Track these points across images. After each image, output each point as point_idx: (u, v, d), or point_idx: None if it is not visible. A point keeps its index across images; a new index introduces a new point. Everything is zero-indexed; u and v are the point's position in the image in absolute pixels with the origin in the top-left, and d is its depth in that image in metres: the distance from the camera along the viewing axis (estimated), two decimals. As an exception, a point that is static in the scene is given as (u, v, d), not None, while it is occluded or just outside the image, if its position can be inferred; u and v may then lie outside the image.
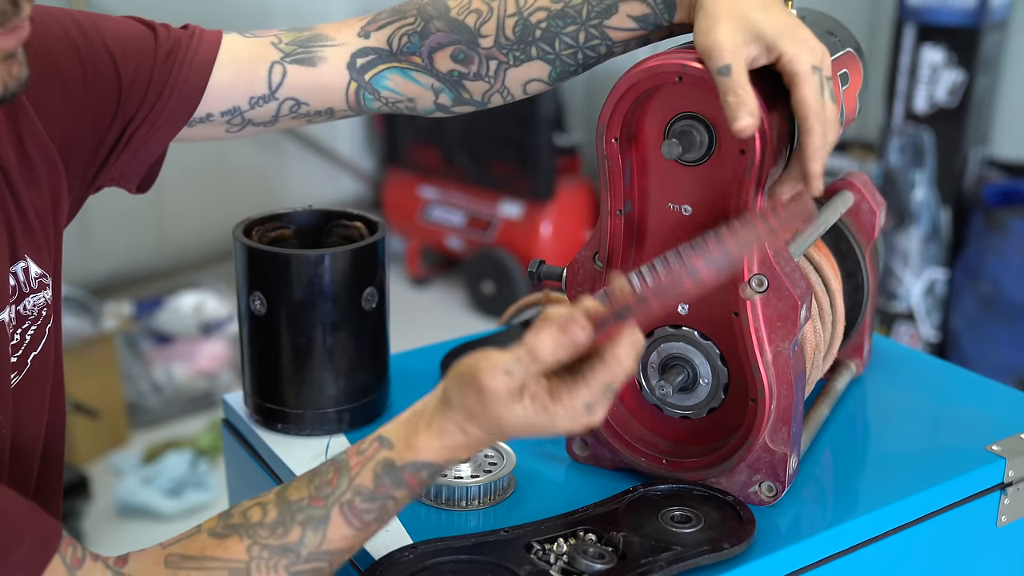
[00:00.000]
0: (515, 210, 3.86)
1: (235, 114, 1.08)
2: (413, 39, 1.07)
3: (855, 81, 1.14)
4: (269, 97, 1.08)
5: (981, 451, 1.11)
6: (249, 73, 1.07)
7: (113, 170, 1.07)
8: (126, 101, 1.03)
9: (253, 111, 1.08)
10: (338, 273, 1.11)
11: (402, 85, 1.09)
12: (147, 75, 1.03)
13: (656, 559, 0.91)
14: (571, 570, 0.91)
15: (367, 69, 1.08)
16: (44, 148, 0.98)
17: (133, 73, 1.03)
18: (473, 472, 1.05)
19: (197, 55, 1.05)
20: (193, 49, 1.05)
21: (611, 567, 0.91)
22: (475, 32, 1.05)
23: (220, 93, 1.06)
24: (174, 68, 1.04)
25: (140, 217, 3.85)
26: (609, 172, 0.98)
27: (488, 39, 1.05)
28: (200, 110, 1.06)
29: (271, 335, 1.13)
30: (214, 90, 1.06)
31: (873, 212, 1.20)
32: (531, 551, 0.94)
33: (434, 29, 1.06)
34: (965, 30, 3.01)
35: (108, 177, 1.07)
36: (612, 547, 0.93)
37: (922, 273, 3.24)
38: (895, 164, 3.18)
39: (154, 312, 3.42)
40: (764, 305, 0.96)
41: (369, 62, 1.08)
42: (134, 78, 1.03)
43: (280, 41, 1.09)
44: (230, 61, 1.06)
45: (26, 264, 0.97)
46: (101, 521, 2.76)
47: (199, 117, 1.07)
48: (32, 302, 0.98)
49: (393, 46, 1.08)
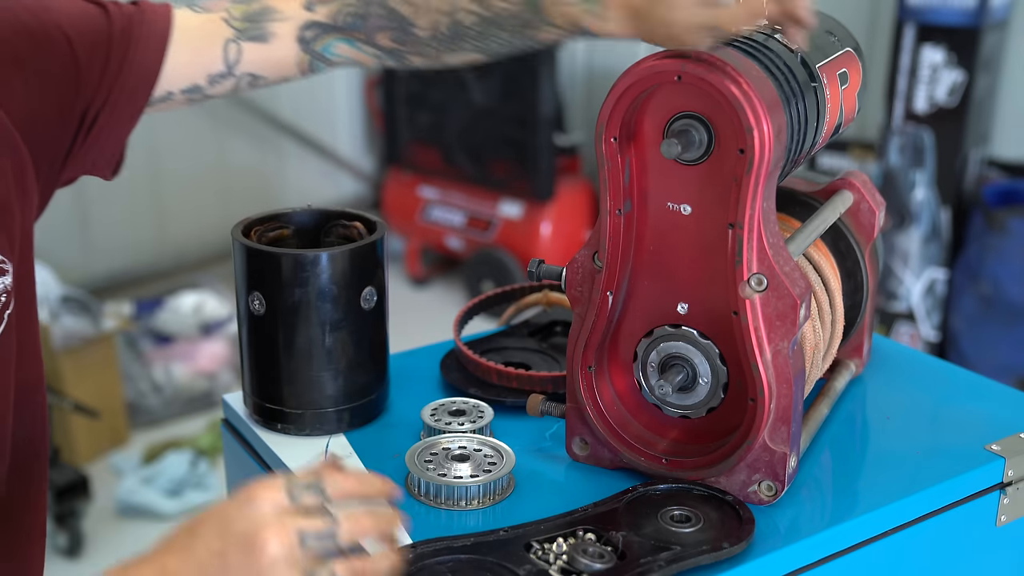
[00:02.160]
0: (515, 210, 3.86)
1: (195, 91, 1.11)
2: (356, 20, 1.11)
3: (854, 81, 1.14)
4: (227, 74, 1.11)
5: (981, 451, 1.11)
6: (206, 51, 1.09)
7: (83, 157, 1.06)
8: (85, 82, 1.03)
9: (213, 88, 1.11)
10: (337, 273, 1.11)
11: (349, 52, 1.13)
12: (104, 54, 1.04)
13: (655, 559, 0.91)
14: (570, 569, 0.91)
15: (315, 40, 1.12)
16: (5, 131, 0.97)
17: (89, 53, 1.03)
18: (473, 472, 1.05)
19: (152, 33, 1.06)
20: (147, 25, 1.06)
21: (610, 567, 0.91)
22: (411, 22, 1.09)
23: (178, 71, 1.08)
24: (130, 47, 1.05)
25: (140, 217, 3.85)
26: (608, 171, 0.98)
27: (424, 31, 1.09)
28: (159, 88, 1.08)
29: (270, 335, 1.13)
30: (172, 69, 1.08)
31: (872, 212, 1.20)
32: (530, 551, 0.94)
33: (374, 13, 1.10)
34: (965, 30, 3.01)
35: (79, 164, 1.07)
36: (611, 547, 0.93)
37: (922, 273, 3.24)
38: (895, 164, 3.18)
39: (154, 312, 3.42)
40: (763, 304, 0.96)
41: (316, 35, 1.12)
42: (91, 58, 1.03)
43: (231, 17, 1.11)
44: (185, 39, 1.08)
45: None
46: (101, 521, 2.76)
47: (159, 96, 1.09)
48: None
49: (338, 22, 1.12)
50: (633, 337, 1.05)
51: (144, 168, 3.78)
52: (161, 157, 3.81)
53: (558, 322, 1.37)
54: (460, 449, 1.08)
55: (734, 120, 0.92)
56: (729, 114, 0.92)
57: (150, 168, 3.80)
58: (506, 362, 1.25)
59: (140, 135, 1.20)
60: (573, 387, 1.07)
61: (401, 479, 1.07)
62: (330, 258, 1.10)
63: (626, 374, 1.07)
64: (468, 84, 3.85)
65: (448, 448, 1.08)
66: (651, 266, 1.01)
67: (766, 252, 0.95)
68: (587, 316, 1.04)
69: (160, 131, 3.78)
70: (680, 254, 1.00)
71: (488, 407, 1.16)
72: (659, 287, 1.02)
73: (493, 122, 3.85)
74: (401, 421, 1.19)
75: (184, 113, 3.87)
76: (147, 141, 3.76)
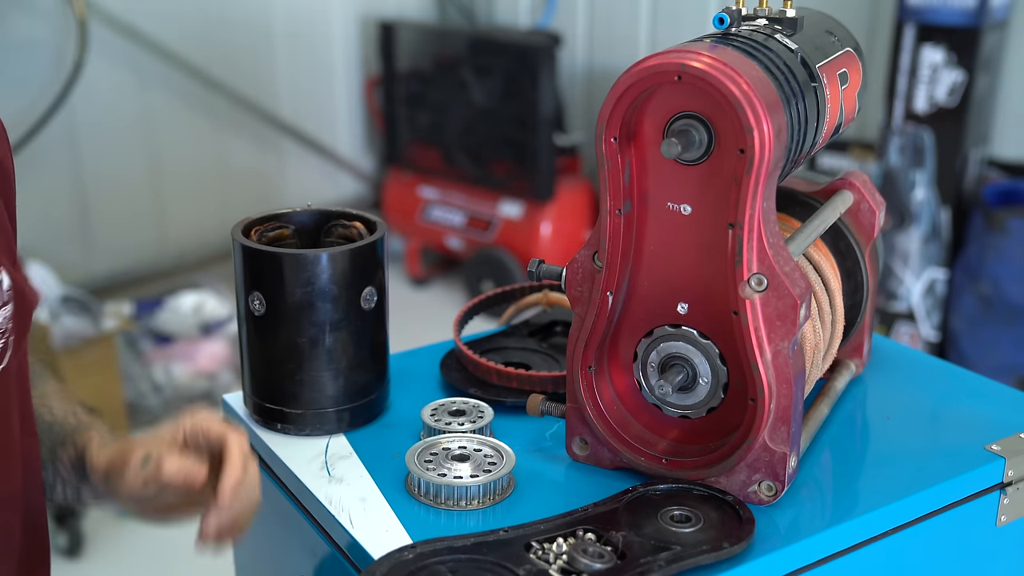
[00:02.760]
0: (515, 210, 3.86)
1: None
2: None
3: (854, 81, 1.14)
4: None
5: (981, 451, 1.11)
6: None
7: None
8: None
9: None
10: (337, 273, 1.11)
11: None
12: None
13: (655, 558, 0.91)
14: (570, 569, 0.91)
15: None
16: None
17: None
18: (473, 472, 1.05)
19: None
20: None
21: (610, 567, 0.91)
22: None
23: None
24: None
25: (140, 217, 3.85)
26: (608, 171, 0.98)
27: None
28: None
29: (271, 335, 1.13)
30: None
31: (872, 212, 1.20)
32: (530, 551, 0.94)
33: None
34: (965, 30, 3.01)
35: None
36: (611, 546, 0.93)
37: (922, 273, 3.24)
38: (895, 164, 3.18)
39: (154, 312, 3.42)
40: (763, 304, 0.96)
41: None
42: None
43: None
44: None
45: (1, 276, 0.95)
46: (101, 521, 2.75)
47: None
48: (2, 315, 0.96)
49: None
50: (633, 337, 1.05)
51: (144, 168, 3.78)
52: (161, 157, 3.82)
53: (558, 322, 1.37)
54: (460, 449, 1.08)
55: (734, 120, 0.92)
56: (729, 114, 0.92)
57: (150, 168, 3.80)
58: (506, 362, 1.25)
59: (140, 135, 1.20)
60: (573, 387, 1.06)
61: (401, 479, 1.07)
62: (330, 258, 1.10)
63: (626, 374, 1.07)
64: (468, 84, 3.85)
65: (448, 448, 1.08)
66: (651, 266, 1.01)
67: (766, 252, 0.95)
68: (587, 316, 1.04)
69: (160, 131, 3.79)
70: (680, 254, 1.00)
71: (488, 407, 1.16)
72: (659, 287, 1.02)
73: (493, 122, 3.85)
74: (401, 421, 1.19)
75: (184, 113, 3.87)
76: (147, 141, 3.76)
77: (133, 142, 3.73)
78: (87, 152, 3.63)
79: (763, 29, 1.05)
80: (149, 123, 3.76)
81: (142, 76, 3.70)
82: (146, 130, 3.75)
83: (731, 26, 1.03)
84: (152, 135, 3.77)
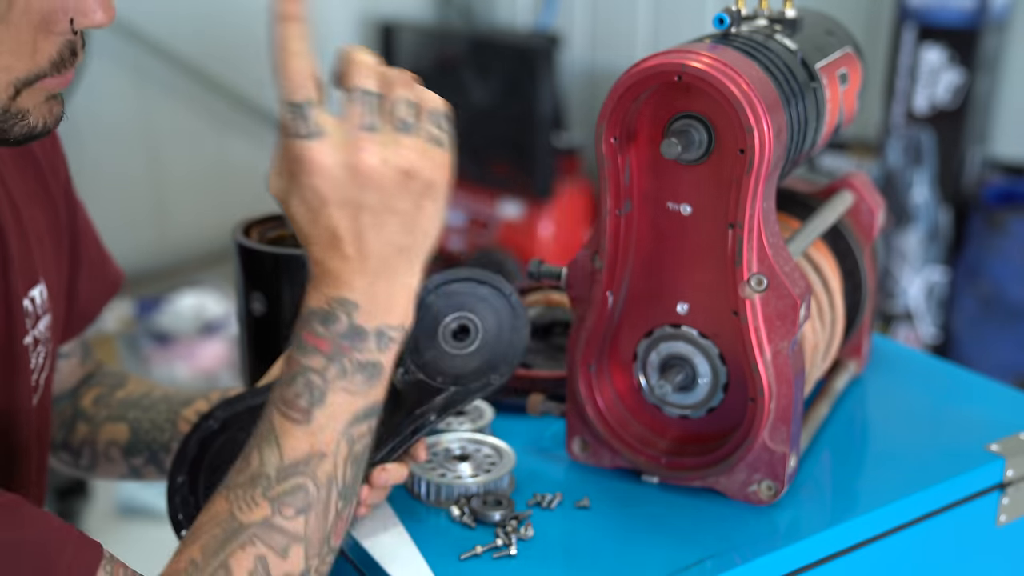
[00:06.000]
0: (515, 210, 3.86)
1: None
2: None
3: (854, 81, 1.15)
4: None
5: (980, 451, 1.11)
6: None
7: None
8: None
9: None
10: (337, 273, 1.11)
11: None
12: None
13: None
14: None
15: None
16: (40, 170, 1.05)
17: None
18: (473, 471, 1.05)
19: None
20: None
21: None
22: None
23: None
24: None
25: (140, 217, 3.85)
26: (608, 171, 0.98)
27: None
28: None
29: (271, 335, 1.13)
30: None
31: (872, 212, 1.20)
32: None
33: None
34: (965, 30, 3.01)
35: None
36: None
37: (922, 273, 3.24)
38: (895, 164, 3.18)
39: (154, 312, 3.42)
40: (763, 304, 0.96)
41: None
42: None
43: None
44: None
45: (42, 287, 0.99)
46: (101, 521, 2.75)
47: None
48: (43, 325, 1.00)
49: None
50: (633, 337, 1.05)
51: (144, 168, 3.78)
52: (161, 157, 3.81)
53: (558, 322, 1.37)
54: (460, 449, 1.08)
55: (734, 120, 0.92)
56: (729, 114, 0.92)
57: (150, 168, 3.80)
58: (506, 362, 1.25)
59: (140, 135, 1.20)
60: (573, 387, 1.07)
61: (401, 479, 1.07)
62: (330, 258, 1.10)
63: (626, 374, 1.07)
64: (468, 84, 3.85)
65: (448, 448, 1.08)
66: (651, 266, 1.01)
67: (766, 252, 0.95)
68: (587, 316, 1.04)
69: (160, 131, 3.78)
70: (680, 254, 1.00)
71: (488, 407, 1.16)
72: (659, 287, 1.02)
73: (493, 122, 3.85)
74: (401, 421, 1.19)
75: (184, 113, 3.87)
76: (147, 141, 3.76)
77: (133, 142, 3.73)
78: (87, 152, 3.62)
79: (763, 29, 1.05)
80: (149, 123, 3.76)
81: (142, 76, 3.70)
82: (146, 130, 3.75)
83: (731, 26, 1.03)
84: (152, 135, 3.77)
